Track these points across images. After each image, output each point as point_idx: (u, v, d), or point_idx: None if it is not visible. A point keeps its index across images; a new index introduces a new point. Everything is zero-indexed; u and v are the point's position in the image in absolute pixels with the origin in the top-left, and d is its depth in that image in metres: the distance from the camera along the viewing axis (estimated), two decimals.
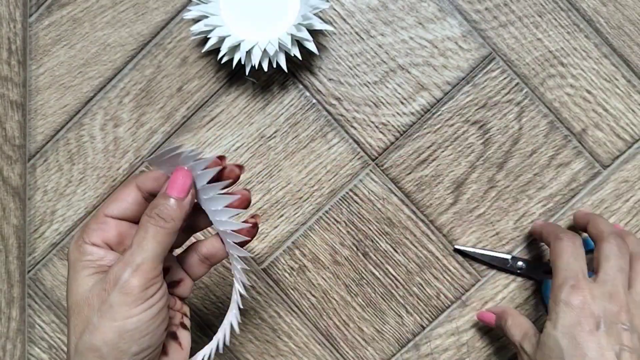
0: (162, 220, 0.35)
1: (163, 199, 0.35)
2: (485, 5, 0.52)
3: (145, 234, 0.35)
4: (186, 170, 0.36)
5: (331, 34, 0.53)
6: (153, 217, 0.35)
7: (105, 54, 0.54)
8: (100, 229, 0.37)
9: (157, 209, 0.35)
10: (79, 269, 0.36)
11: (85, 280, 0.35)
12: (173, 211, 0.35)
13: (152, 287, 0.34)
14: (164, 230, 0.35)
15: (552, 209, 0.53)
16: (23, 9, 0.55)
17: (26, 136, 0.55)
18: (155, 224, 0.35)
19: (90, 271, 0.36)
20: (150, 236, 0.35)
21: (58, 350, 0.56)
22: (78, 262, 0.36)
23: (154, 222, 0.35)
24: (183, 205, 0.35)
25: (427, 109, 0.53)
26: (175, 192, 0.35)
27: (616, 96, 0.52)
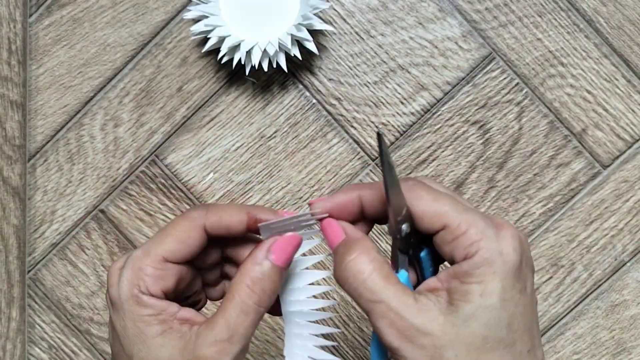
0: (267, 298, 0.30)
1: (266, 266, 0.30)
2: (485, 5, 0.52)
3: (247, 317, 0.30)
4: (295, 236, 0.31)
5: (331, 34, 0.53)
6: (257, 294, 0.30)
7: (105, 54, 0.54)
8: (160, 277, 0.31)
9: (262, 281, 0.30)
10: (141, 325, 0.31)
11: (156, 343, 0.30)
12: (277, 285, 0.30)
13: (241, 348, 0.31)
14: (264, 310, 0.31)
15: (552, 209, 0.53)
16: (23, 9, 0.55)
17: (26, 136, 0.55)
18: (258, 303, 0.30)
19: (157, 329, 0.31)
20: (251, 321, 0.30)
21: (58, 350, 0.56)
22: (137, 316, 0.31)
23: (257, 300, 0.30)
24: (282, 276, 0.31)
25: (427, 109, 0.53)
26: (282, 259, 0.31)
27: (616, 96, 0.52)
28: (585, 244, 0.53)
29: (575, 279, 0.53)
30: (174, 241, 0.31)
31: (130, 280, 0.31)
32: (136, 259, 0.31)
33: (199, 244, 0.32)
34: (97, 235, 0.55)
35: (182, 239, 0.31)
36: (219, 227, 0.31)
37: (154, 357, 0.30)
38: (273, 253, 0.31)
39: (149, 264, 0.31)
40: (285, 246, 0.31)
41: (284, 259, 0.31)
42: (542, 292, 0.53)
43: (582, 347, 0.53)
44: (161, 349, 0.30)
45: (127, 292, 0.31)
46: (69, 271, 0.56)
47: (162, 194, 0.55)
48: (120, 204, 0.55)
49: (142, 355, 0.31)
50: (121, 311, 0.31)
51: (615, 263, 0.53)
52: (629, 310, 0.53)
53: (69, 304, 0.56)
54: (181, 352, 0.30)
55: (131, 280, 0.31)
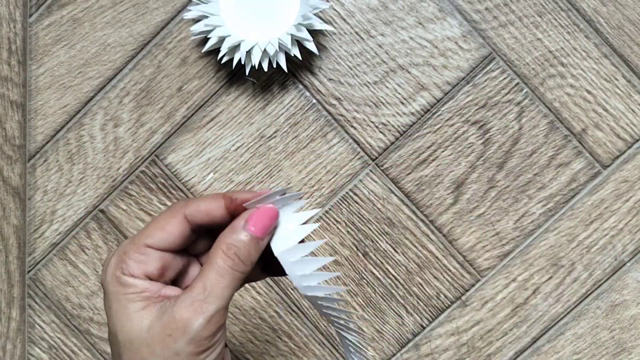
0: (241, 263, 0.32)
1: (241, 235, 0.32)
2: (485, 5, 0.52)
3: (222, 278, 0.32)
4: (272, 208, 0.32)
5: (331, 34, 0.53)
6: (231, 259, 0.32)
7: (105, 54, 0.54)
8: (142, 261, 0.33)
9: (236, 247, 0.32)
10: (124, 302, 0.33)
11: (138, 316, 0.32)
12: (253, 253, 0.32)
13: (219, 332, 0.32)
14: (241, 275, 0.32)
15: (552, 209, 0.53)
16: (23, 9, 0.55)
17: (26, 136, 0.55)
18: (233, 267, 0.32)
19: (140, 305, 0.33)
20: (227, 282, 0.32)
21: (58, 350, 0.56)
22: (121, 295, 0.33)
23: (231, 264, 0.32)
24: (261, 247, 0.32)
25: (427, 109, 0.53)
26: (258, 229, 0.32)
27: (616, 96, 0.52)
28: (585, 244, 0.53)
29: (575, 279, 0.53)
30: (155, 229, 0.33)
31: (115, 264, 0.33)
32: (122, 246, 0.34)
33: (180, 232, 0.33)
34: (97, 235, 0.55)
35: (162, 227, 0.33)
36: (199, 214, 0.33)
37: (137, 328, 0.32)
38: (249, 222, 0.32)
39: (132, 249, 0.33)
40: (261, 216, 0.32)
41: (260, 228, 0.32)
42: (542, 292, 0.53)
43: (582, 347, 0.53)
44: (143, 320, 0.32)
45: (111, 274, 0.33)
46: (69, 271, 0.56)
47: (162, 194, 0.55)
48: (120, 204, 0.55)
49: (126, 329, 0.32)
50: (107, 293, 0.33)
51: (615, 263, 0.53)
52: (629, 310, 0.53)
53: (69, 304, 0.56)
54: (160, 317, 0.32)
55: (115, 264, 0.33)
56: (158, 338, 0.32)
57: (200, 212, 0.33)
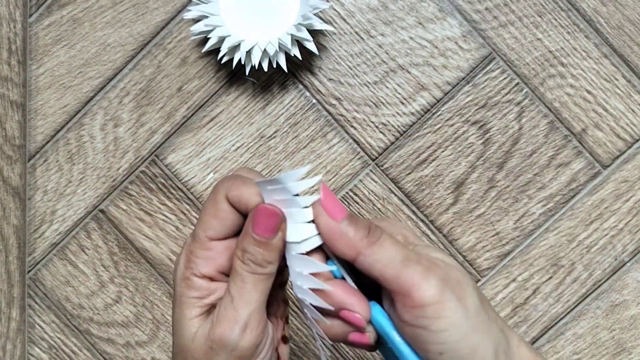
0: (259, 266, 0.31)
1: (250, 240, 0.31)
2: (485, 5, 0.52)
3: (244, 284, 0.31)
4: (269, 208, 0.30)
5: (331, 34, 0.53)
6: (248, 264, 0.31)
7: (105, 54, 0.54)
8: (210, 257, 0.32)
9: (249, 254, 0.31)
10: (184, 307, 0.32)
11: (191, 324, 0.32)
12: (266, 254, 0.31)
13: (262, 342, 0.31)
14: (264, 276, 0.31)
15: (552, 209, 0.53)
16: (23, 9, 0.55)
17: (26, 136, 0.55)
18: (252, 271, 0.31)
19: (195, 312, 0.32)
20: (250, 287, 0.31)
21: (58, 351, 0.56)
22: (184, 298, 0.32)
23: (249, 269, 0.31)
24: (275, 245, 0.31)
25: (427, 109, 0.53)
26: (260, 230, 0.31)
27: (616, 96, 0.52)
28: (585, 244, 0.53)
29: (575, 279, 0.53)
30: (210, 219, 0.32)
31: (184, 264, 0.32)
32: (187, 245, 0.33)
33: (235, 215, 0.32)
34: (97, 235, 0.55)
35: (215, 215, 0.32)
36: (240, 205, 0.31)
37: (186, 336, 0.32)
38: (254, 224, 0.31)
39: (197, 247, 0.32)
40: (262, 217, 0.31)
41: (264, 229, 0.31)
42: (542, 292, 0.53)
43: (582, 347, 0.53)
44: (192, 329, 0.32)
45: (181, 275, 0.32)
46: (69, 271, 0.56)
47: (162, 194, 0.55)
48: (120, 204, 0.55)
49: (178, 334, 0.32)
50: (175, 293, 0.33)
51: (615, 263, 0.53)
52: (629, 310, 0.53)
53: (69, 304, 0.56)
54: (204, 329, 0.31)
55: (185, 264, 0.32)
56: (202, 350, 0.31)
57: (241, 204, 0.31)
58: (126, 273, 0.55)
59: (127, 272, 0.55)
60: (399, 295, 0.29)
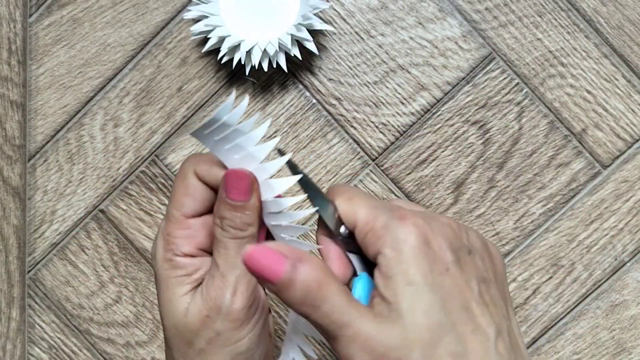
0: (239, 230, 0.31)
1: (227, 206, 0.31)
2: (485, 5, 0.52)
3: (227, 250, 0.31)
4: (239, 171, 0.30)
5: (331, 34, 0.53)
6: (228, 231, 0.31)
7: (105, 54, 0.54)
8: (189, 235, 0.32)
9: (227, 220, 0.31)
10: (172, 287, 0.32)
11: (182, 300, 0.32)
12: (245, 217, 0.31)
13: (254, 304, 0.32)
14: (245, 239, 0.31)
15: (552, 209, 0.53)
16: (23, 9, 0.55)
17: (26, 136, 0.55)
18: (233, 237, 0.31)
19: (186, 288, 0.32)
20: (233, 252, 0.31)
21: (58, 351, 0.56)
22: (171, 279, 0.32)
23: (230, 235, 0.31)
24: (252, 206, 0.31)
25: (427, 109, 0.53)
26: (234, 195, 0.30)
27: (616, 96, 0.52)
28: (585, 244, 0.53)
29: (575, 279, 0.53)
30: (182, 197, 0.32)
31: (163, 247, 0.32)
32: (162, 228, 0.33)
33: (207, 191, 0.32)
34: (97, 235, 0.55)
35: (187, 193, 0.32)
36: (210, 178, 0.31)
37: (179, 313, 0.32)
38: (227, 190, 0.30)
39: (174, 227, 0.32)
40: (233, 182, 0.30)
41: (237, 193, 0.30)
42: (542, 292, 0.53)
43: (582, 347, 0.53)
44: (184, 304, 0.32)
45: (162, 257, 0.32)
46: (69, 271, 0.56)
47: (162, 194, 0.55)
48: (120, 204, 0.55)
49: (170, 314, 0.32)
50: (158, 278, 0.32)
51: (616, 263, 0.53)
52: (629, 310, 0.53)
53: (69, 304, 0.56)
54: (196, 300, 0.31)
55: (164, 247, 0.32)
56: (197, 321, 0.31)
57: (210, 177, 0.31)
58: (126, 273, 0.55)
59: (127, 272, 0.55)
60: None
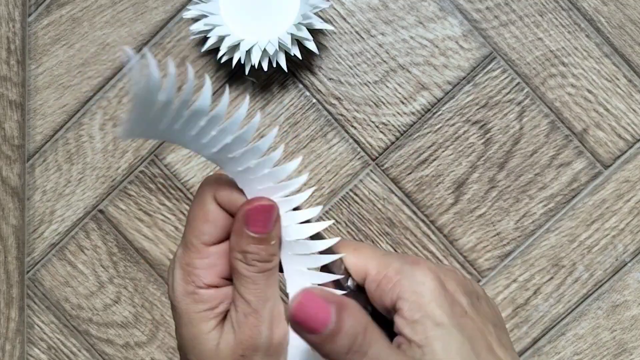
0: (265, 263, 0.29)
1: (250, 240, 0.29)
2: (486, 5, 0.52)
3: (256, 285, 0.29)
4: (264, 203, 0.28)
5: (331, 34, 0.53)
6: (254, 265, 0.29)
7: (104, 53, 0.54)
8: (210, 265, 0.30)
9: (252, 254, 0.29)
10: (196, 323, 0.30)
11: (210, 337, 0.30)
12: (270, 248, 0.29)
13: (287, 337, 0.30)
14: (271, 270, 0.29)
15: (553, 209, 0.53)
16: (22, 8, 0.55)
17: (25, 136, 0.55)
18: (260, 270, 0.29)
19: (212, 324, 0.30)
20: (263, 285, 0.29)
21: (57, 351, 0.56)
22: (193, 314, 0.30)
23: (257, 269, 0.29)
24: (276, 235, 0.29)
25: (428, 109, 0.53)
26: (259, 228, 0.29)
27: (617, 96, 0.52)
28: (587, 244, 0.53)
29: (576, 280, 0.53)
30: (201, 224, 0.29)
31: (182, 279, 0.30)
32: (180, 258, 0.30)
33: (224, 219, 0.30)
34: (96, 236, 0.55)
35: (206, 219, 0.29)
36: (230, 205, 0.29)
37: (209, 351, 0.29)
38: (249, 224, 0.28)
39: (194, 257, 0.30)
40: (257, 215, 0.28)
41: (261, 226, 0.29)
42: (543, 292, 0.53)
43: (583, 347, 0.53)
44: (214, 341, 0.30)
45: (182, 290, 0.30)
46: (68, 271, 0.56)
47: (161, 194, 0.54)
48: (120, 204, 0.55)
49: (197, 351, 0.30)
50: (179, 312, 0.30)
51: (617, 263, 0.53)
52: (630, 310, 0.53)
53: (68, 305, 0.56)
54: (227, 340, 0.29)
55: (183, 278, 0.30)
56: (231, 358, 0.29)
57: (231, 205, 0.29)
58: (125, 273, 0.55)
59: (126, 272, 0.55)
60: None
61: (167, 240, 0.55)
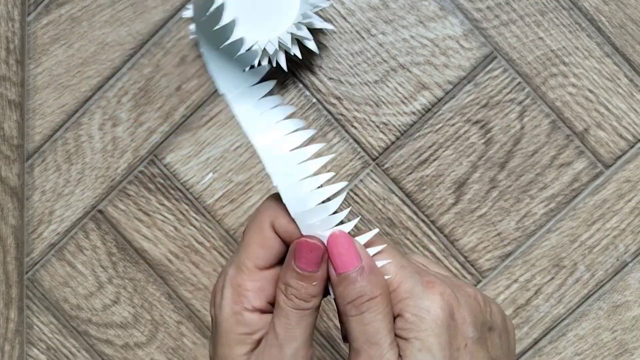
0: (302, 301, 0.29)
1: (294, 274, 0.29)
2: (486, 4, 0.52)
3: (288, 319, 0.29)
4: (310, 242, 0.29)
5: (331, 33, 0.52)
6: (291, 300, 0.29)
7: (103, 53, 0.54)
8: (260, 288, 0.30)
9: (292, 288, 0.29)
10: (233, 344, 0.30)
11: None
12: (310, 288, 0.29)
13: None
14: (308, 311, 0.30)
15: (554, 209, 0.52)
16: (21, 7, 0.55)
17: (24, 136, 0.55)
18: (295, 307, 0.29)
19: (246, 349, 0.30)
20: (294, 323, 0.29)
21: (57, 352, 0.56)
22: (233, 335, 0.30)
23: (293, 305, 0.29)
24: (320, 277, 0.29)
25: (428, 109, 0.52)
26: (303, 264, 0.29)
27: (618, 96, 0.52)
28: (588, 245, 0.52)
29: (577, 280, 0.53)
30: (256, 248, 0.30)
31: (232, 298, 0.30)
32: (231, 277, 0.31)
33: (279, 246, 0.31)
34: (95, 236, 0.55)
35: (262, 244, 0.30)
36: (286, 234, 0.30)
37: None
38: (296, 258, 0.29)
39: (246, 278, 0.30)
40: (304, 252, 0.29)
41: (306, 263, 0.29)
42: (543, 292, 0.53)
43: (584, 348, 0.53)
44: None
45: (230, 310, 0.30)
46: (67, 272, 0.55)
47: (160, 194, 0.54)
48: (119, 204, 0.55)
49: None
50: (220, 330, 0.31)
51: (618, 264, 0.53)
52: (631, 311, 0.53)
53: (67, 305, 0.56)
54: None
55: (233, 298, 0.30)
56: None
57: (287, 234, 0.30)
58: (125, 274, 0.55)
59: (125, 272, 0.55)
60: None
61: (166, 241, 0.54)
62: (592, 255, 0.53)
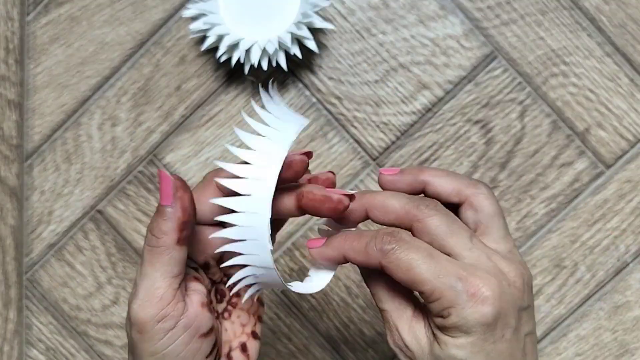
0: (153, 237, 0.30)
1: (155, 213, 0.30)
2: (487, 4, 0.52)
3: (142, 259, 0.30)
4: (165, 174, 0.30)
5: (331, 33, 0.52)
6: (146, 236, 0.30)
7: (103, 52, 0.54)
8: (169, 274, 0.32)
9: (150, 225, 0.30)
10: None
11: None
12: (161, 223, 0.30)
13: (168, 319, 0.30)
14: (157, 249, 0.30)
15: (555, 209, 0.52)
16: (21, 7, 0.55)
17: (23, 136, 0.55)
18: (147, 243, 0.30)
19: None
20: (145, 261, 0.30)
21: (56, 352, 0.56)
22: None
23: (146, 241, 0.30)
24: (168, 213, 0.29)
25: (429, 108, 0.52)
26: (160, 198, 0.30)
27: (619, 95, 0.52)
28: (588, 245, 0.52)
29: (578, 280, 0.53)
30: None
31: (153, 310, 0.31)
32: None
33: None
34: (94, 236, 0.55)
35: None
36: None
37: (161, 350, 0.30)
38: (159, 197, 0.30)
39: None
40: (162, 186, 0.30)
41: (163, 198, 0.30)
42: (544, 293, 0.53)
43: (584, 348, 0.53)
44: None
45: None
46: (66, 272, 0.55)
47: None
48: (118, 204, 0.55)
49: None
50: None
51: (618, 264, 0.52)
52: (632, 311, 0.53)
53: (66, 305, 0.56)
54: None
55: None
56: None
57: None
58: (124, 274, 0.55)
59: (124, 273, 0.55)
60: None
61: None
62: (593, 255, 0.52)
